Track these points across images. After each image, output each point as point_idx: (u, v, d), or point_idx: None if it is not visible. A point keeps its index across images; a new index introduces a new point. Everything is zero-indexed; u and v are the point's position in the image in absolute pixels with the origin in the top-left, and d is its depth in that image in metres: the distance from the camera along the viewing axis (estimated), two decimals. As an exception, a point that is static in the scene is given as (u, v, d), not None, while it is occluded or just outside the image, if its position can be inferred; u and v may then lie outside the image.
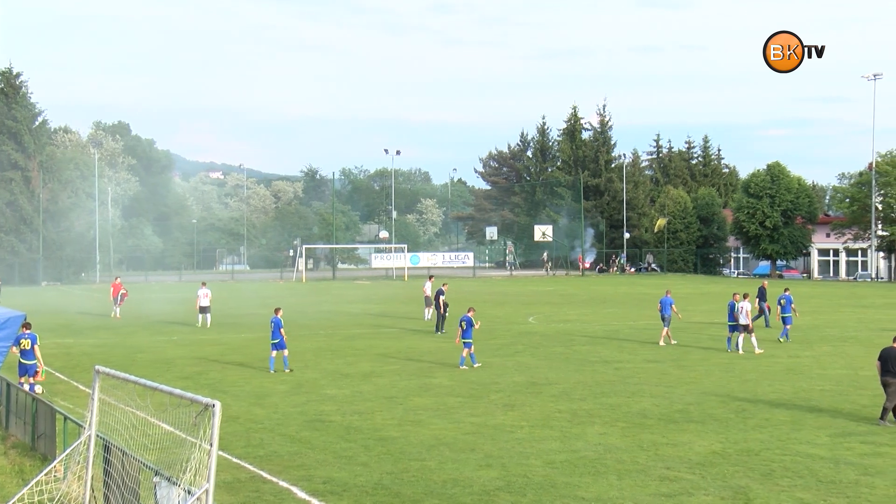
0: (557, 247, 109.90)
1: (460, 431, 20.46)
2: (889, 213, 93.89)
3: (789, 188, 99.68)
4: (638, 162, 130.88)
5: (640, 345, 36.61)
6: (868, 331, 41.06)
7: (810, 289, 77.15)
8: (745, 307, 34.54)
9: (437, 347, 35.97)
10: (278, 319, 29.90)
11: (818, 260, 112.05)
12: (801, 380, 27.52)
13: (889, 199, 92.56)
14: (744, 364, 30.88)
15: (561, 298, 64.78)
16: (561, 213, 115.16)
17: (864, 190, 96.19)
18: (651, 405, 23.36)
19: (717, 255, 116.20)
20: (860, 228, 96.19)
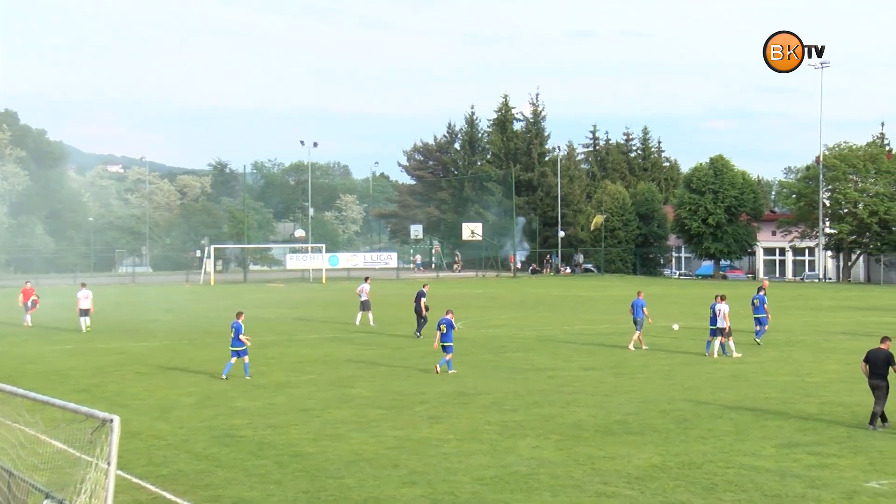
0: (487, 246, 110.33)
1: (382, 446, 20.42)
2: (837, 210, 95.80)
3: (733, 183, 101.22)
4: (573, 155, 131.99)
5: (576, 351, 36.90)
6: (816, 334, 41.85)
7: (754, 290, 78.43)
8: (723, 309, 35.09)
9: (358, 355, 35.89)
10: (239, 324, 30.18)
11: (764, 260, 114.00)
12: (745, 387, 27.96)
13: (837, 194, 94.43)
14: (685, 371, 31.29)
15: (491, 301, 65.04)
16: (491, 209, 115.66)
17: (810, 185, 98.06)
18: (587, 416, 23.55)
19: (658, 254, 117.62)
20: (807, 226, 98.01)
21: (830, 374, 30.57)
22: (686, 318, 48.54)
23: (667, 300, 64.75)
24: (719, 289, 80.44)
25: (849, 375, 30.28)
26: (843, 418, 23.18)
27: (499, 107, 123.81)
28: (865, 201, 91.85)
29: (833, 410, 24.17)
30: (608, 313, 54.92)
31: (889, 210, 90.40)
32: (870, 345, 38.57)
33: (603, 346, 38.33)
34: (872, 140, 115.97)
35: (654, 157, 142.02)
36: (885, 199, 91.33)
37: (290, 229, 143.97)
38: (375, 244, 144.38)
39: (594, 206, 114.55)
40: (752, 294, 41.89)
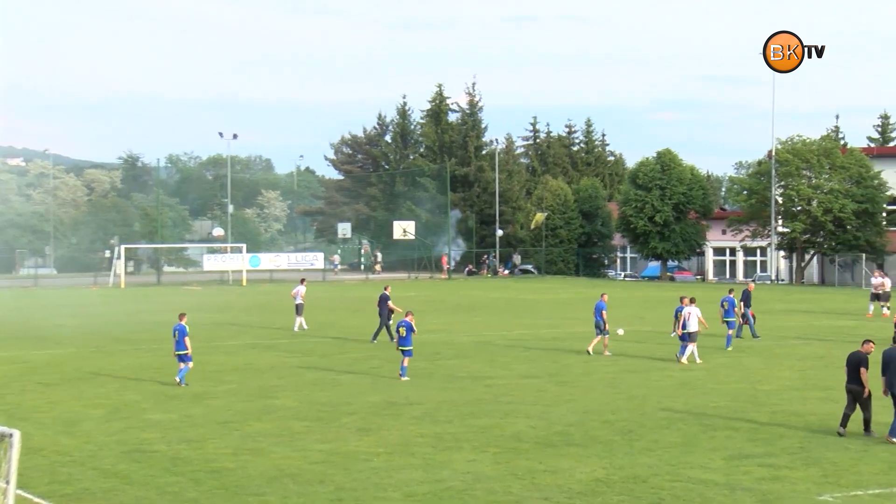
0: (420, 245, 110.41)
1: (307, 461, 20.37)
2: (790, 208, 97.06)
3: (681, 179, 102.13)
4: (512, 149, 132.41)
5: (515, 358, 37.06)
6: (767, 339, 42.41)
7: (704, 292, 79.33)
8: (693, 312, 35.58)
9: (282, 363, 35.76)
10: (183, 327, 30.26)
11: (713, 260, 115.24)
12: (693, 395, 28.27)
13: (790, 191, 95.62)
14: (630, 379, 31.56)
15: (424, 305, 65.10)
16: (424, 206, 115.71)
17: (762, 181, 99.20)
18: (527, 427, 23.67)
19: (602, 254, 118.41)
20: (759, 225, 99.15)
21: (782, 382, 31.01)
22: (632, 322, 48.95)
23: (612, 303, 65.10)
24: (666, 291, 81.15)
25: (801, 383, 30.74)
26: (795, 428, 23.52)
27: (433, 97, 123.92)
28: (819, 198, 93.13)
29: (785, 420, 24.52)
30: (549, 317, 55.22)
31: (844, 208, 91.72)
32: (823, 350, 39.24)
33: (544, 353, 38.53)
34: (827, 133, 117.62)
35: (597, 151, 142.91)
36: (840, 196, 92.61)
37: (208, 228, 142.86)
38: (300, 244, 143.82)
39: (534, 203, 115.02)
40: (719, 296, 42.25)
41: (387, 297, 43.02)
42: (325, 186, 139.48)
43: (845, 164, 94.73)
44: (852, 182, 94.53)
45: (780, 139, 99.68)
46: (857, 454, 20.84)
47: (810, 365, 35.18)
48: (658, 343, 41.70)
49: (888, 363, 22.56)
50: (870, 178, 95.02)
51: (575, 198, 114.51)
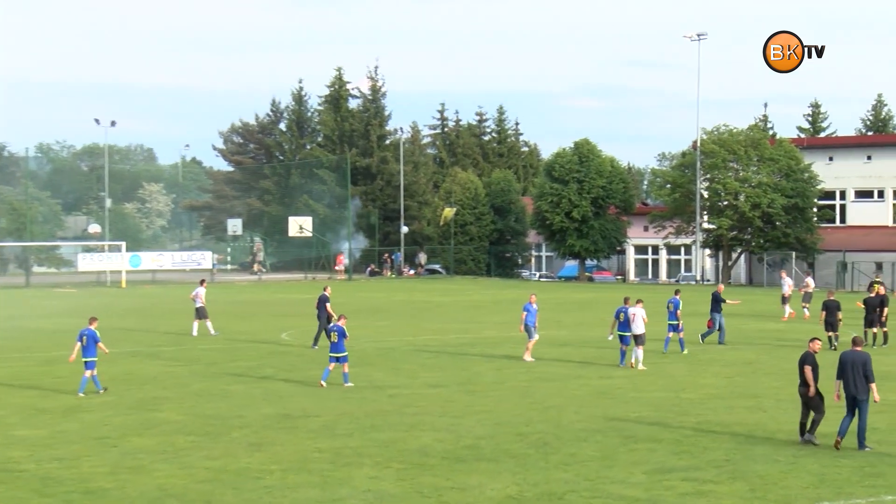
0: (317, 243, 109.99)
1: (193, 479, 20.19)
2: (716, 202, 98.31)
3: (601, 171, 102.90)
4: (418, 138, 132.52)
5: (421, 366, 37.09)
6: (691, 344, 42.91)
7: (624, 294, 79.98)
8: (638, 314, 36.24)
9: (166, 372, 35.41)
10: (93, 331, 30.67)
11: (635, 259, 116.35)
12: (613, 405, 28.52)
13: (716, 184, 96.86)
14: (545, 388, 31.75)
15: (323, 309, 64.89)
16: (323, 201, 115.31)
17: (687, 174, 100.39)
18: (433, 441, 23.69)
19: (515, 253, 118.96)
20: (683, 220, 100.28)
21: (708, 390, 31.41)
22: (548, 326, 49.28)
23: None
24: (585, 292, 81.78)
25: (728, 391, 31.17)
26: (721, 439, 23.83)
27: (331, 81, 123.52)
28: (747, 192, 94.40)
29: (711, 431, 24.84)
30: (458, 321, 55.33)
31: (773, 203, 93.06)
32: (751, 355, 39.84)
33: (452, 360, 38.61)
34: (755, 123, 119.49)
35: (510, 142, 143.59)
36: (769, 190, 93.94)
37: (83, 224, 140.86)
38: (186, 241, 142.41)
39: (442, 198, 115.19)
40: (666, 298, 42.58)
41: (326, 298, 43.10)
42: (214, 179, 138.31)
43: (774, 156, 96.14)
44: (781, 175, 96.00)
45: (705, 129, 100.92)
46: (786, 467, 21.19)
47: (737, 371, 35.70)
48: (576, 348, 42.02)
49: (844, 366, 22.97)
50: (800, 171, 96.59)
51: (486, 192, 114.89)
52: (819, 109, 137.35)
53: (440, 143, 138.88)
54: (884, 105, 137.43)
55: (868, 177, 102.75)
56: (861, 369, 22.77)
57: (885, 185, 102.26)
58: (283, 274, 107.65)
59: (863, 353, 23.05)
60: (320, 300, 43.19)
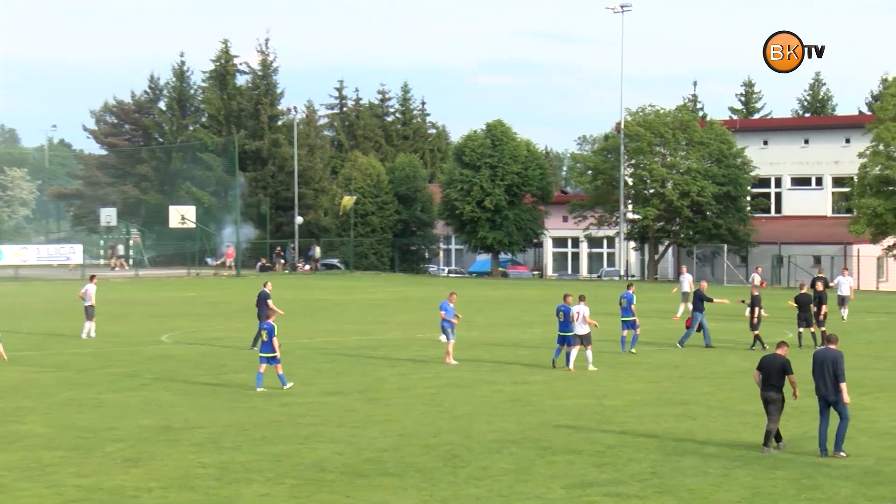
0: (201, 235, 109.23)
1: (61, 499, 19.98)
2: (641, 190, 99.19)
3: (515, 156, 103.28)
4: (314, 119, 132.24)
5: (318, 371, 37.01)
6: (614, 345, 43.21)
7: (542, 291, 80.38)
8: (581, 312, 36.56)
9: (29, 380, 34.97)
10: None
11: (553, 252, 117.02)
12: (529, 413, 28.66)
13: (641, 170, 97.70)
14: (455, 395, 31.82)
15: (208, 308, 64.46)
16: (208, 188, 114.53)
17: (610, 159, 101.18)
18: (331, 454, 23.66)
19: (422, 246, 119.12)
20: (606, 210, 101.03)
21: (633, 396, 31.68)
22: (457, 327, 49.36)
23: (433, 305, 65.63)
24: (499, 289, 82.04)
25: (654, 397, 31.46)
26: (647, 450, 24.05)
27: (217, 55, 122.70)
28: (675, 180, 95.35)
29: (636, 441, 25.05)
30: (358, 322, 55.29)
31: (703, 191, 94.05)
32: (679, 358, 40.29)
33: (352, 365, 38.58)
34: (683, 103, 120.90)
35: (416, 123, 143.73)
36: (699, 176, 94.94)
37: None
38: (53, 233, 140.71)
39: (341, 185, 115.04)
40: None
41: (266, 294, 42.94)
42: (85, 163, 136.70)
43: (704, 140, 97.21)
44: (712, 161, 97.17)
45: (629, 109, 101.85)
46: (717, 479, 21.44)
47: (665, 376, 36.05)
48: (489, 351, 42.17)
49: (816, 365, 23.35)
50: (732, 157, 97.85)
51: (390, 178, 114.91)
52: (753, 89, 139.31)
53: (338, 125, 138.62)
54: (822, 84, 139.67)
55: (805, 163, 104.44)
56: (832, 368, 23.11)
57: (824, 172, 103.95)
58: (164, 269, 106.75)
59: (835, 350, 23.35)
60: (260, 297, 43.24)
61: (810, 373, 23.62)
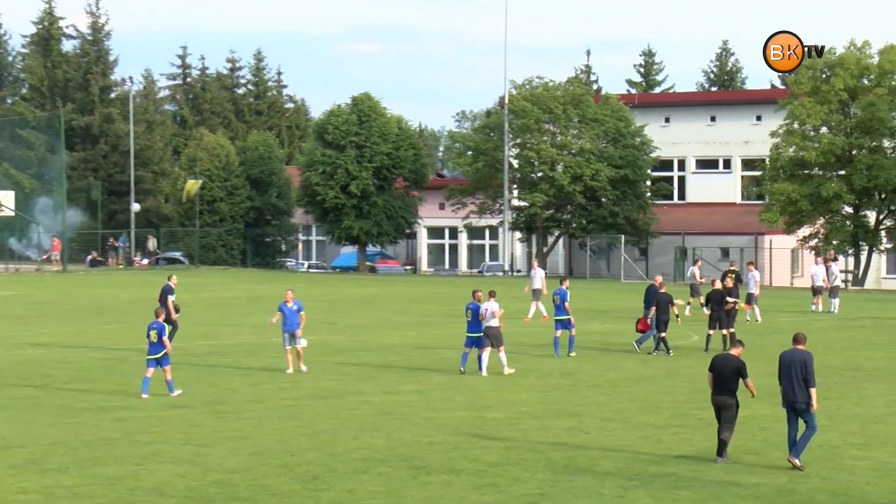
0: (21, 224, 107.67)
1: None
2: (528, 174, 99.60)
3: (385, 134, 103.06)
4: (153, 91, 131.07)
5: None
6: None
7: (416, 288, 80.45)
8: (491, 308, 37.02)
9: None
10: None
11: (428, 244, 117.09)
12: (401, 428, 28.69)
13: (528, 151, 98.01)
14: (316, 407, 31.76)
15: (28, 309, 63.62)
16: (29, 170, 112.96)
17: (492, 138, 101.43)
18: (173, 476, 23.50)
19: (278, 237, 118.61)
20: (488, 196, 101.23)
21: (518, 407, 31.84)
22: (318, 329, 49.37)
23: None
24: (367, 286, 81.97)
25: (544, 408, 31.65)
26: (534, 469, 24.19)
27: (39, 17, 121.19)
28: (566, 161, 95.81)
29: (522, 458, 25.19)
30: (204, 324, 54.99)
31: (597, 174, 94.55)
32: (571, 364, 40.57)
33: (197, 373, 38.34)
34: (575, 75, 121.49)
35: (271, 96, 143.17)
36: (593, 158, 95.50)
37: None
38: None
39: (185, 167, 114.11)
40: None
41: (170, 289, 42.99)
42: None
43: (599, 117, 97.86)
44: (608, 140, 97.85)
45: (514, 82, 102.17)
46: (612, 500, 21.64)
47: (555, 384, 36.29)
48: (355, 357, 42.17)
49: (782, 368, 23.76)
50: (630, 136, 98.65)
51: (241, 159, 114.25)
52: (653, 59, 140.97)
53: (181, 98, 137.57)
54: (730, 54, 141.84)
55: (712, 143, 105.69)
56: (800, 371, 23.40)
57: (733, 153, 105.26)
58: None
59: (803, 351, 23.64)
60: (163, 291, 43.03)
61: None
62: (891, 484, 22.78)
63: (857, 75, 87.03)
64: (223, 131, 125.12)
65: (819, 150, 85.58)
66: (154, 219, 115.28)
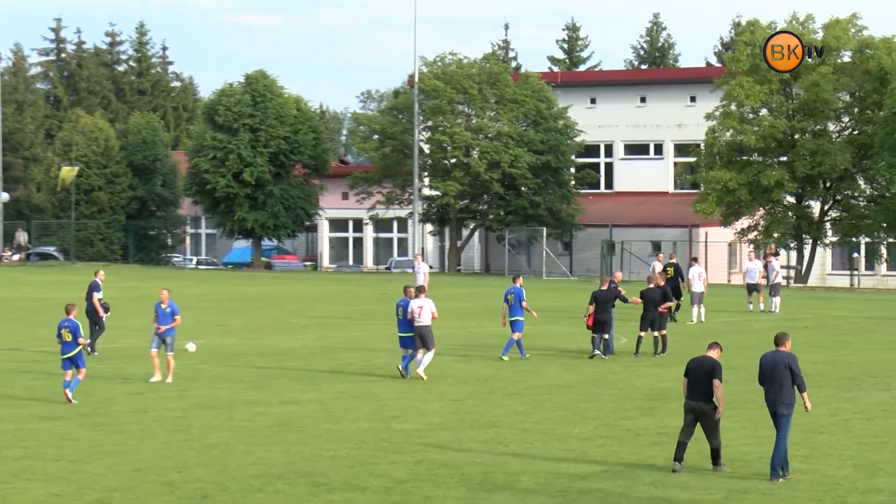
0: None
1: None
2: (441, 160, 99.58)
3: (282, 117, 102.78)
4: (23, 68, 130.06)
5: (27, 390, 36.52)
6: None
7: (317, 287, 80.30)
8: (425, 306, 37.52)
9: None
10: None
11: (330, 238, 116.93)
12: (300, 441, 28.64)
13: (441, 135, 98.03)
14: (205, 418, 31.62)
15: None
16: None
17: (401, 120, 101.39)
18: (46, 495, 23.35)
19: (164, 230, 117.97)
20: (396, 185, 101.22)
21: (430, 418, 31.87)
22: (208, 332, 49.24)
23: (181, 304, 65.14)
24: (263, 284, 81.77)
25: (458, 419, 31.69)
26: (447, 485, 24.23)
27: None
28: (482, 146, 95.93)
29: (433, 474, 25.21)
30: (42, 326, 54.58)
31: (517, 161, 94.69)
32: (488, 370, 40.68)
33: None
34: (492, 51, 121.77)
35: (155, 74, 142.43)
36: (512, 143, 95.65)
37: None
38: None
39: (59, 153, 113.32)
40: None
41: (97, 285, 42.81)
42: None
43: (518, 97, 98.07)
44: (528, 123, 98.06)
45: (425, 59, 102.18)
46: (533, 520, 21.72)
47: (470, 392, 36.33)
48: (249, 359, 42.06)
49: (764, 371, 23.94)
50: (553, 118, 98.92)
51: (122, 144, 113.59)
52: (577, 34, 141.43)
53: (55, 76, 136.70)
54: (662, 29, 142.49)
55: (642, 126, 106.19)
56: (783, 374, 23.53)
57: (664, 137, 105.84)
58: None
59: (786, 353, 23.78)
60: (90, 288, 42.94)
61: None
62: (836, 499, 22.98)
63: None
64: (102, 113, 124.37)
65: (759, 134, 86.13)
66: (25, 210, 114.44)
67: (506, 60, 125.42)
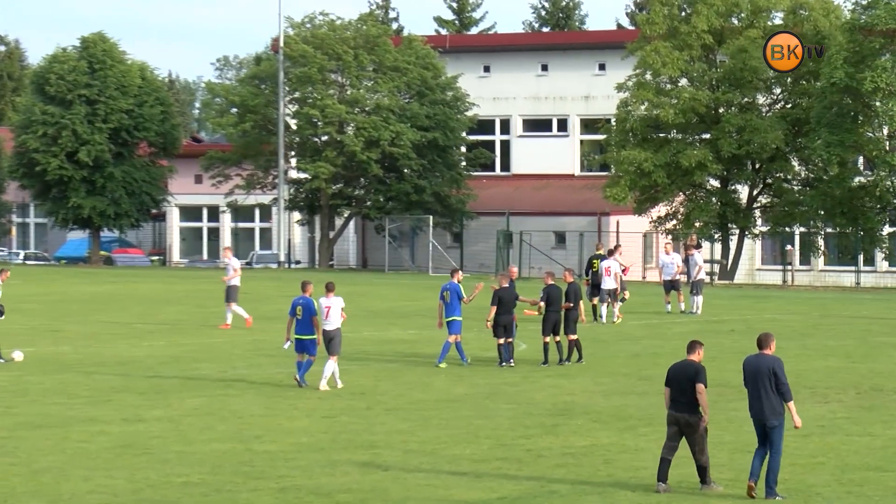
0: None
1: None
2: (310, 138, 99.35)
3: (125, 87, 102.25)
4: None
5: None
6: (271, 366, 43.35)
7: (165, 285, 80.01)
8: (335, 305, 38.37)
9: None
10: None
11: (181, 228, 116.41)
12: (146, 465, 28.57)
13: (309, 108, 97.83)
14: (34, 440, 31.43)
15: None
16: None
17: (264, 91, 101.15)
18: None
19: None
20: (259, 167, 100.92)
21: (298, 438, 31.84)
22: (37, 339, 48.91)
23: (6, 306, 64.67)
24: (102, 283, 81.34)
25: (330, 438, 31.70)
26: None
27: None
28: (359, 122, 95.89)
29: (303, 501, 25.23)
30: None
31: (399, 138, 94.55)
32: (366, 379, 40.71)
33: None
34: (369, 11, 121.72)
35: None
36: (393, 117, 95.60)
37: None
38: None
39: None
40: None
41: None
42: None
43: (400, 65, 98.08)
44: (412, 95, 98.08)
45: (292, 19, 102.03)
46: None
47: (344, 407, 36.33)
48: (86, 370, 41.83)
49: (747, 377, 24.17)
50: (440, 89, 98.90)
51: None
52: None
53: None
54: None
55: (543, 99, 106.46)
56: (769, 380, 23.68)
57: (569, 111, 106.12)
58: None
59: (770, 356, 23.94)
60: None
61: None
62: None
63: (724, 13, 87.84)
64: None
65: (677, 107, 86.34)
66: None
67: (385, 22, 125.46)
